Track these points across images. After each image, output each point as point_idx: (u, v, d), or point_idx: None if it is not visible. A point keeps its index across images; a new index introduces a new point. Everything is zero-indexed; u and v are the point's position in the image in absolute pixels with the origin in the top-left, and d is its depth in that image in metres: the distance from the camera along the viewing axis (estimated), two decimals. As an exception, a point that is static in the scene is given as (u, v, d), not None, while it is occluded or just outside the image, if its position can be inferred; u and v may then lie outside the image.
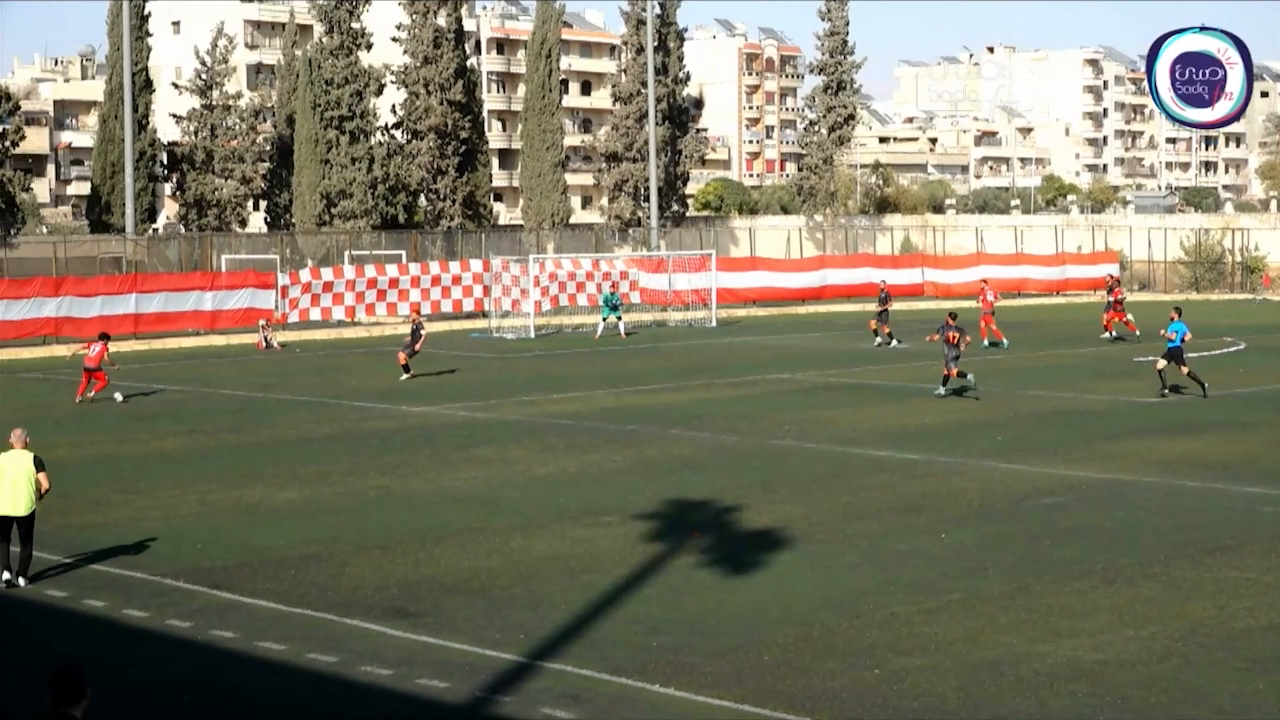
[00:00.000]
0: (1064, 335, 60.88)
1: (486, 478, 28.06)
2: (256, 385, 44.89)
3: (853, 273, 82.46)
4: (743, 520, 23.70)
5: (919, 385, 42.95)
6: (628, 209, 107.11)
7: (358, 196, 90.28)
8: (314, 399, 41.18)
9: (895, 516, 23.95)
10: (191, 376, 46.86)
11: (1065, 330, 63.72)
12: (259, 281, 64.25)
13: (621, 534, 22.62)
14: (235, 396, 42.13)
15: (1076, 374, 45.99)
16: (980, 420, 35.61)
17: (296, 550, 21.71)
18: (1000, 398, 40.01)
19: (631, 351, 55.34)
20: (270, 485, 27.33)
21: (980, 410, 37.44)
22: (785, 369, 47.75)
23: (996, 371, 46.82)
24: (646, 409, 38.10)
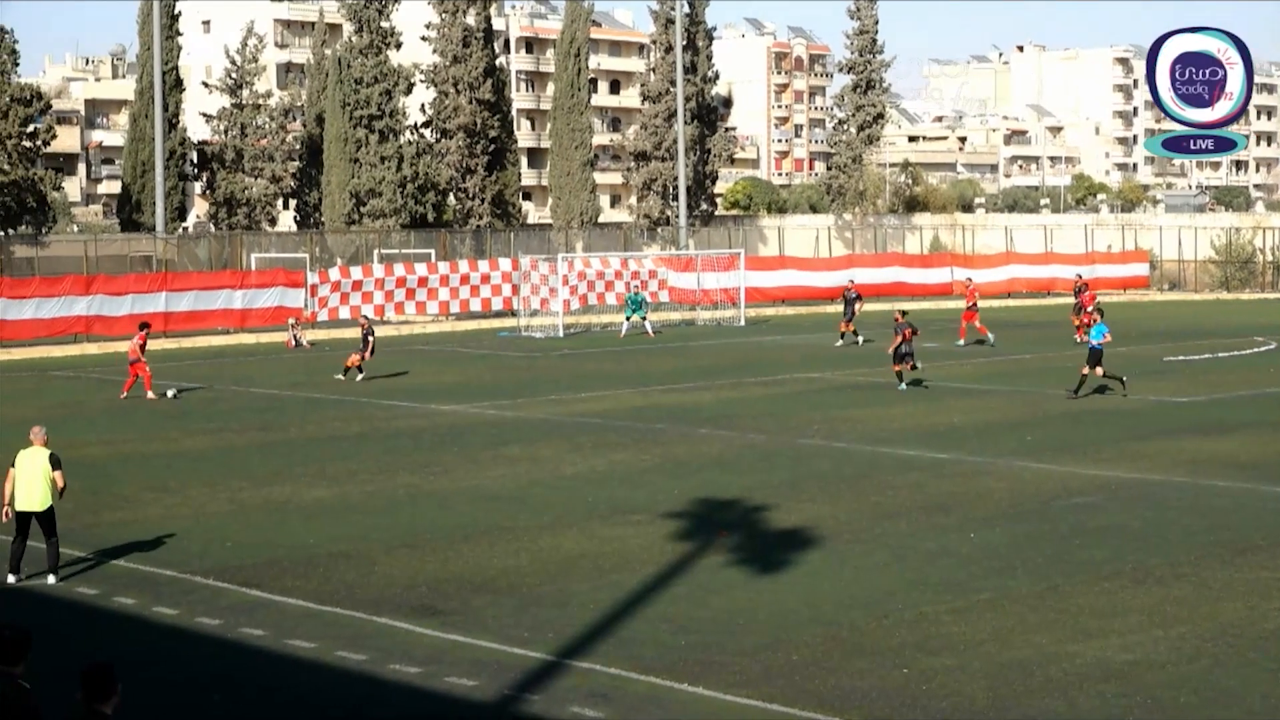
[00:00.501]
0: (1094, 335, 60.66)
1: (515, 476, 28.08)
2: (286, 384, 44.99)
3: (882, 272, 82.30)
4: (771, 519, 23.68)
5: (948, 385, 42.86)
6: (656, 208, 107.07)
7: (387, 195, 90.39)
8: (343, 397, 41.26)
9: (924, 516, 23.91)
10: (221, 375, 46.98)
11: (1095, 330, 63.48)
12: (288, 280, 64.41)
13: (650, 533, 22.62)
14: (265, 395, 42.23)
15: (1106, 373, 45.82)
16: (1009, 420, 35.52)
17: (325, 548, 21.75)
18: (1029, 397, 39.92)
19: (660, 350, 55.32)
20: (299, 483, 27.39)
21: (1009, 410, 37.36)
22: (814, 368, 47.69)
23: (1026, 371, 46.73)
24: (675, 408, 38.09)
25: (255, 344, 60.49)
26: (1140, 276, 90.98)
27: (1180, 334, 60.14)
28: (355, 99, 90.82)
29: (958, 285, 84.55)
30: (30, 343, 57.31)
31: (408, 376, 46.75)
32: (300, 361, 52.92)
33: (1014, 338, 59.27)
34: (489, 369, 49.47)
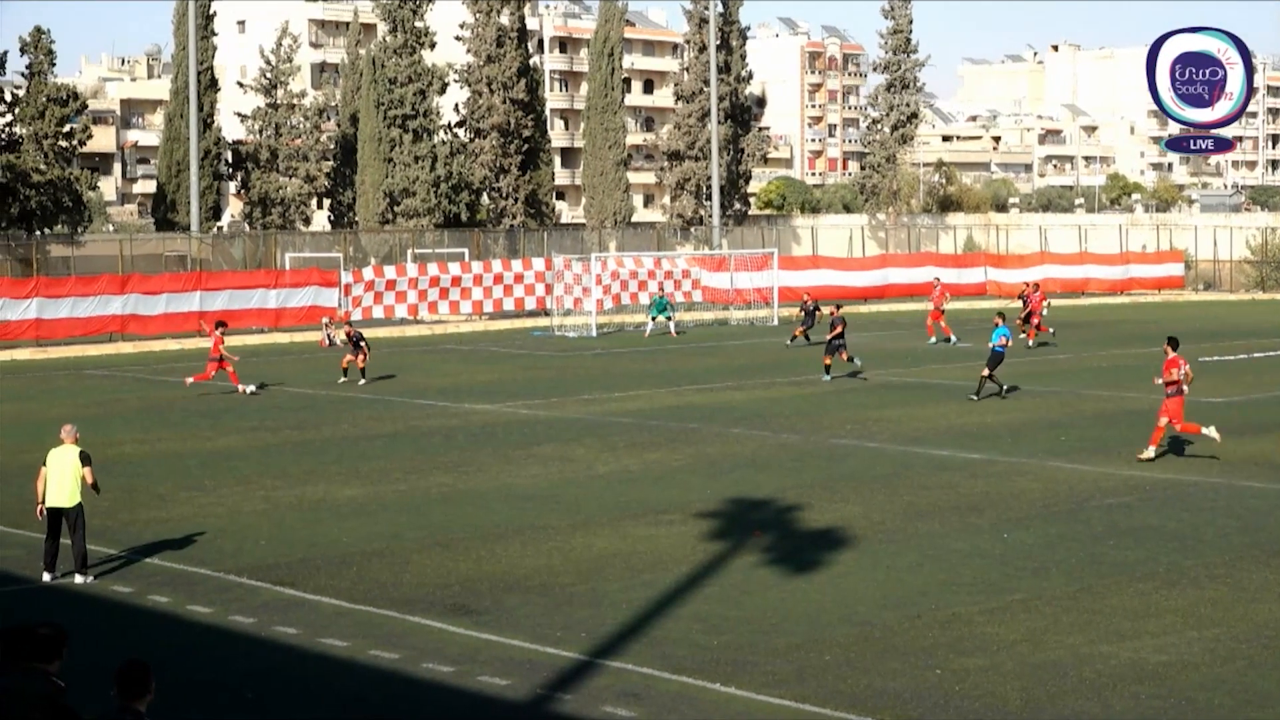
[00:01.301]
0: (1128, 335, 60.45)
1: (548, 475, 28.11)
2: (320, 383, 45.10)
3: (915, 272, 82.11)
4: (804, 519, 23.66)
5: (982, 385, 42.77)
6: (690, 207, 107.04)
7: (420, 195, 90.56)
8: (376, 396, 41.34)
9: (957, 516, 23.86)
10: (255, 374, 47.08)
11: (1129, 330, 63.26)
12: (323, 279, 64.59)
13: (683, 532, 22.62)
14: (299, 394, 42.34)
15: (1141, 374, 45.58)
16: (1043, 420, 35.42)
17: (359, 547, 21.81)
18: (1063, 398, 39.80)
19: (693, 350, 55.30)
20: (333, 482, 27.46)
21: (1043, 410, 37.25)
22: (848, 367, 47.62)
23: (1059, 372, 46.60)
24: (708, 407, 38.08)
25: (289, 343, 60.65)
26: (1175, 277, 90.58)
27: (1215, 334, 59.87)
28: (389, 99, 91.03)
29: (991, 286, 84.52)
30: (65, 341, 57.59)
31: (441, 376, 46.81)
32: (334, 361, 52.97)
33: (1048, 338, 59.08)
34: (522, 368, 49.51)
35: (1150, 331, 61.53)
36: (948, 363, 49.53)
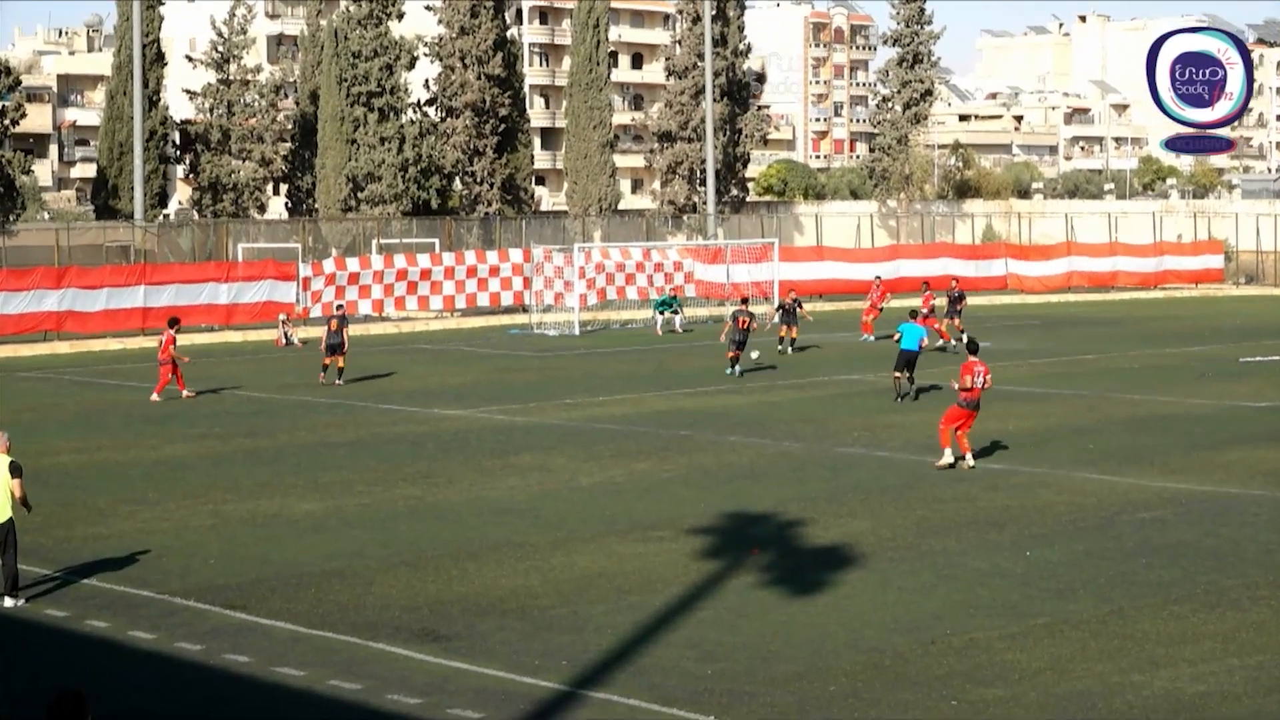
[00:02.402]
0: (1162, 333, 60.54)
1: (526, 488, 28.09)
2: (275, 386, 45.03)
3: (929, 264, 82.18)
4: (807, 535, 23.65)
5: (1001, 388, 42.79)
6: (682, 193, 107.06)
7: (387, 179, 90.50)
8: (337, 401, 41.29)
9: (975, 532, 23.86)
10: (205, 376, 47.00)
11: (1163, 328, 63.36)
12: (279, 272, 64.51)
13: (674, 550, 22.59)
14: (252, 398, 42.28)
15: (1176, 375, 45.72)
16: (1070, 426, 35.44)
17: (317, 566, 21.76)
18: (1092, 401, 39.83)
19: (685, 350, 55.30)
20: (289, 495, 27.42)
21: (1069, 415, 37.27)
22: (854, 369, 47.66)
23: (1087, 373, 46.63)
24: (702, 413, 38.07)
25: (242, 342, 60.59)
26: (1214, 269, 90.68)
27: (1258, 332, 59.95)
28: (353, 74, 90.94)
29: (1012, 279, 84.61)
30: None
31: (409, 378, 46.78)
32: (291, 361, 52.98)
33: (1075, 337, 59.19)
34: (497, 370, 49.49)
35: (1187, 329, 61.65)
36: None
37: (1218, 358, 50.85)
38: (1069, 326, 64.33)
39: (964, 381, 30.05)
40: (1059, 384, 43.65)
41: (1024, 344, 56.16)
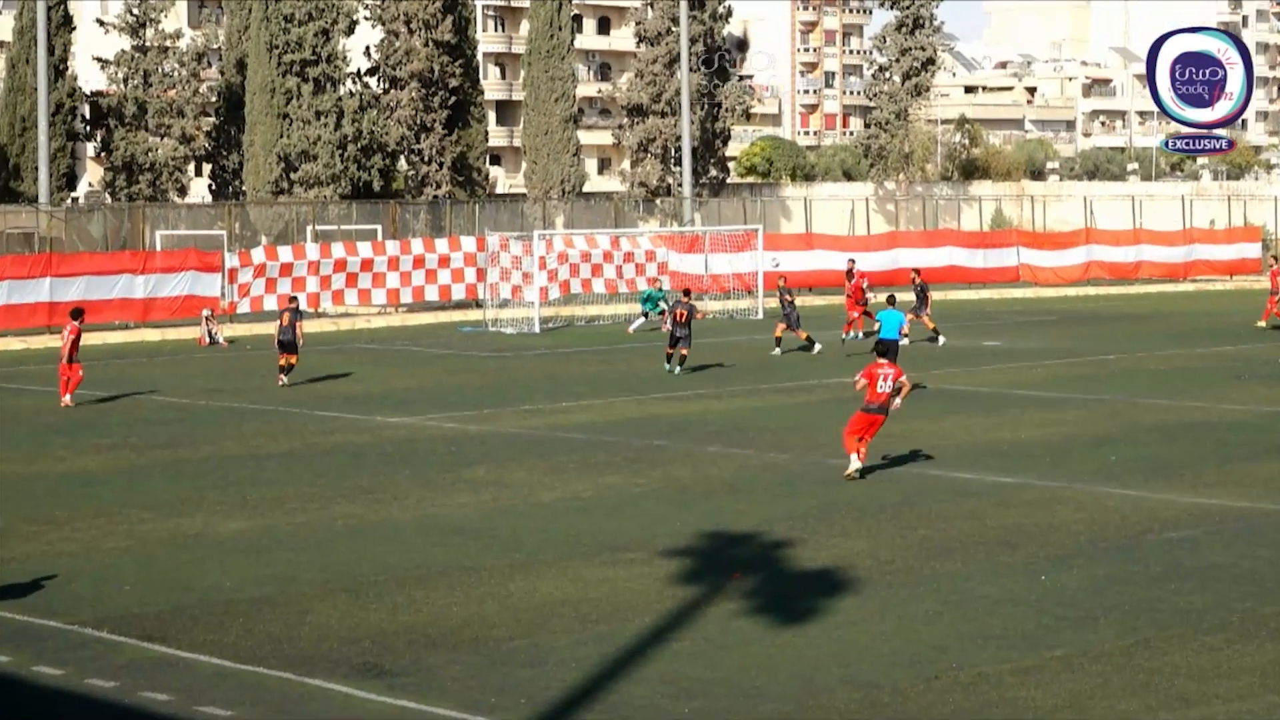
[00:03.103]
0: (1193, 330, 60.74)
1: (480, 504, 28.08)
2: (199, 390, 44.95)
3: (932, 253, 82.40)
4: (795, 557, 23.66)
5: (1013, 392, 42.89)
6: (655, 174, 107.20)
7: (323, 159, 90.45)
8: (268, 407, 41.23)
9: (984, 553, 23.89)
10: (119, 379, 46.91)
11: (1195, 324, 63.57)
12: (202, 263, 64.38)
13: (646, 574, 22.59)
14: (172, 404, 42.20)
15: (1209, 378, 45.86)
16: (1090, 435, 35.52)
17: (246, 593, 21.71)
18: (1114, 407, 39.93)
19: (659, 349, 55.28)
20: (214, 513, 27.35)
21: (1089, 423, 37.36)
22: (849, 371, 47.50)
23: (1109, 375, 46.76)
24: (678, 420, 38.08)
25: (161, 341, 60.47)
26: (1250, 259, 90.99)
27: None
28: (285, 40, 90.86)
29: (1025, 270, 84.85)
30: (-117, 340, 57.34)
31: (349, 381, 46.73)
32: (216, 363, 52.88)
33: (1094, 335, 59.33)
34: (448, 372, 49.46)
35: (1220, 326, 61.85)
36: (975, 365, 49.62)
37: (1255, 358, 51.03)
38: (1088, 323, 64.46)
39: (857, 384, 30.34)
40: (1077, 388, 43.75)
41: (1038, 342, 56.27)
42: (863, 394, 30.48)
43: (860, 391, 30.56)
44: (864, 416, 30.26)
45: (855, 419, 30.41)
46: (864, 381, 30.32)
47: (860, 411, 30.36)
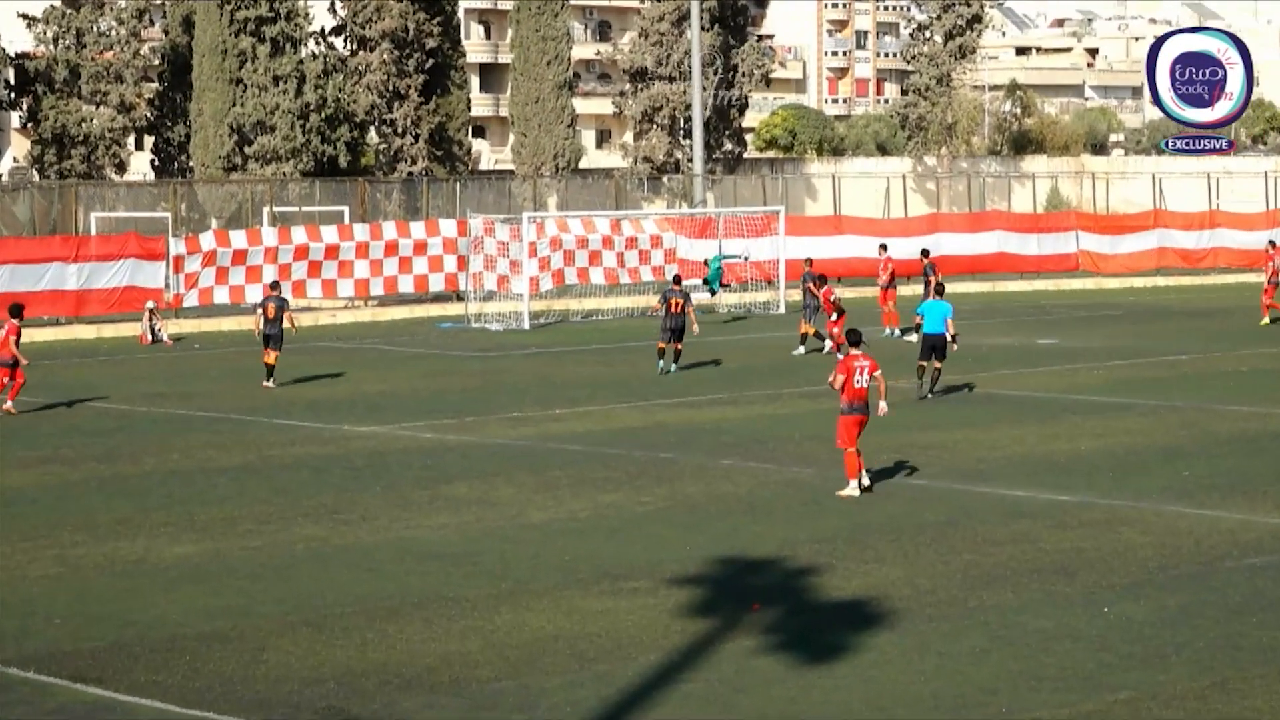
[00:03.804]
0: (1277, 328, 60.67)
1: (462, 525, 28.08)
2: (140, 395, 44.92)
3: (978, 239, 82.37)
4: (822, 586, 23.65)
5: (1069, 397, 42.85)
6: (661, 148, 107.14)
7: (282, 130, 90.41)
8: (220, 414, 41.22)
9: (1038, 582, 23.87)
10: (49, 383, 46.88)
11: (1279, 320, 63.50)
12: (143, 250, 64.28)
13: (651, 605, 22.58)
14: (110, 411, 42.17)
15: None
16: (1158, 447, 35.49)
17: (194, 627, 21.69)
18: (1187, 415, 39.89)
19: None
20: (158, 536, 27.34)
21: (1158, 433, 37.32)
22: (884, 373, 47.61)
23: (1181, 379, 46.74)
24: (689, 429, 38.06)
25: (97, 339, 60.43)
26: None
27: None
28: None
29: (1084, 258, 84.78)
30: None
31: (312, 385, 46.71)
32: (161, 364, 52.84)
33: (1165, 332, 59.29)
34: (425, 374, 49.47)
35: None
36: (1027, 366, 49.56)
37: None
38: (1157, 318, 64.40)
39: (834, 381, 30.16)
40: (1144, 392, 43.73)
41: (1099, 341, 56.24)
42: (839, 394, 30.32)
43: (838, 391, 30.36)
44: (851, 421, 30.07)
45: (846, 427, 30.16)
46: (841, 378, 30.12)
47: (843, 416, 30.17)
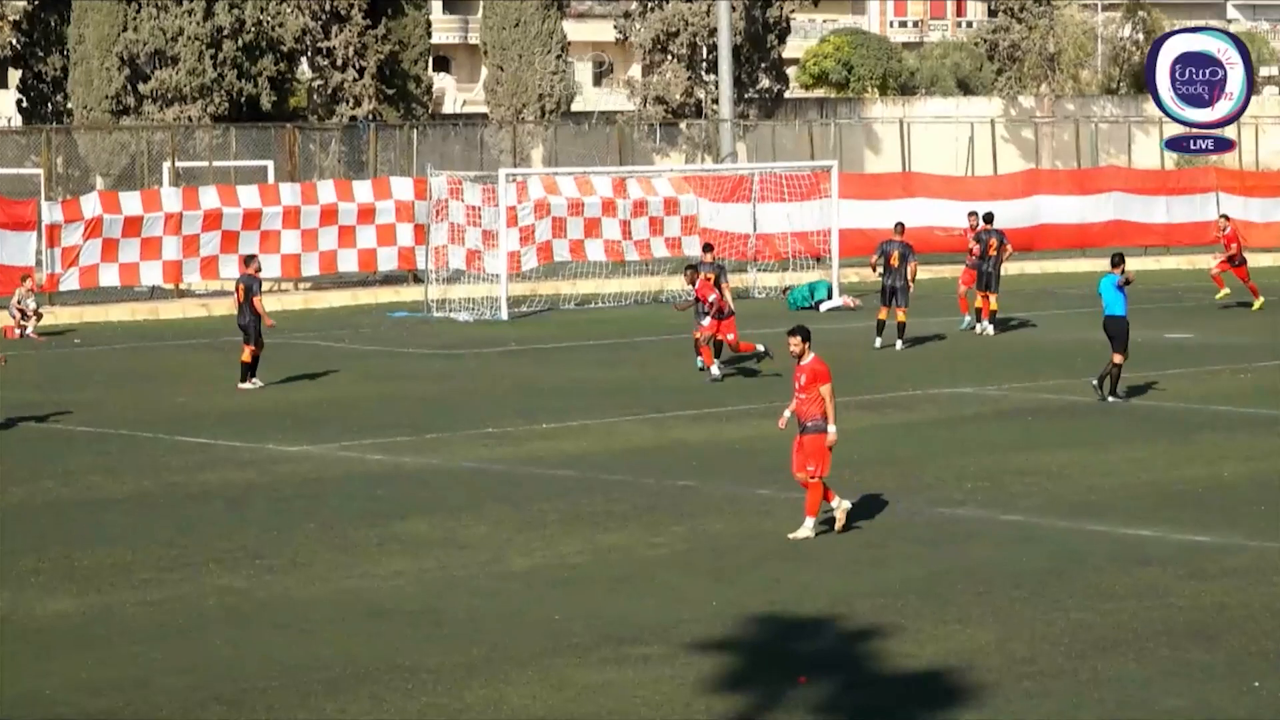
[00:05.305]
0: None
1: (421, 574, 28.09)
2: (6, 403, 44.97)
3: (1089, 202, 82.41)
4: (888, 653, 23.66)
5: (1214, 407, 42.87)
6: (678, 86, 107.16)
7: (187, 62, 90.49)
8: (108, 430, 41.27)
9: (1166, 648, 23.87)
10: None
11: None
12: (8, 217, 64.32)
13: (667, 678, 22.59)
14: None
15: None
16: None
17: (76, 704, 21.73)
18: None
19: (685, 344, 55.28)
20: (27, 586, 27.38)
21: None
22: (965, 377, 47.73)
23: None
24: (712, 449, 38.08)
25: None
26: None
27: None
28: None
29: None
30: None
31: (226, 391, 46.76)
32: (31, 364, 52.89)
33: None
34: (373, 378, 49.53)
35: None
36: (1153, 368, 49.51)
37: None
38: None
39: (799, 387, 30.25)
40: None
41: (1245, 335, 56.36)
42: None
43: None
44: (799, 442, 30.03)
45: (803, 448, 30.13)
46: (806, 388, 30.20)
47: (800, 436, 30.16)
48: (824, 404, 29.92)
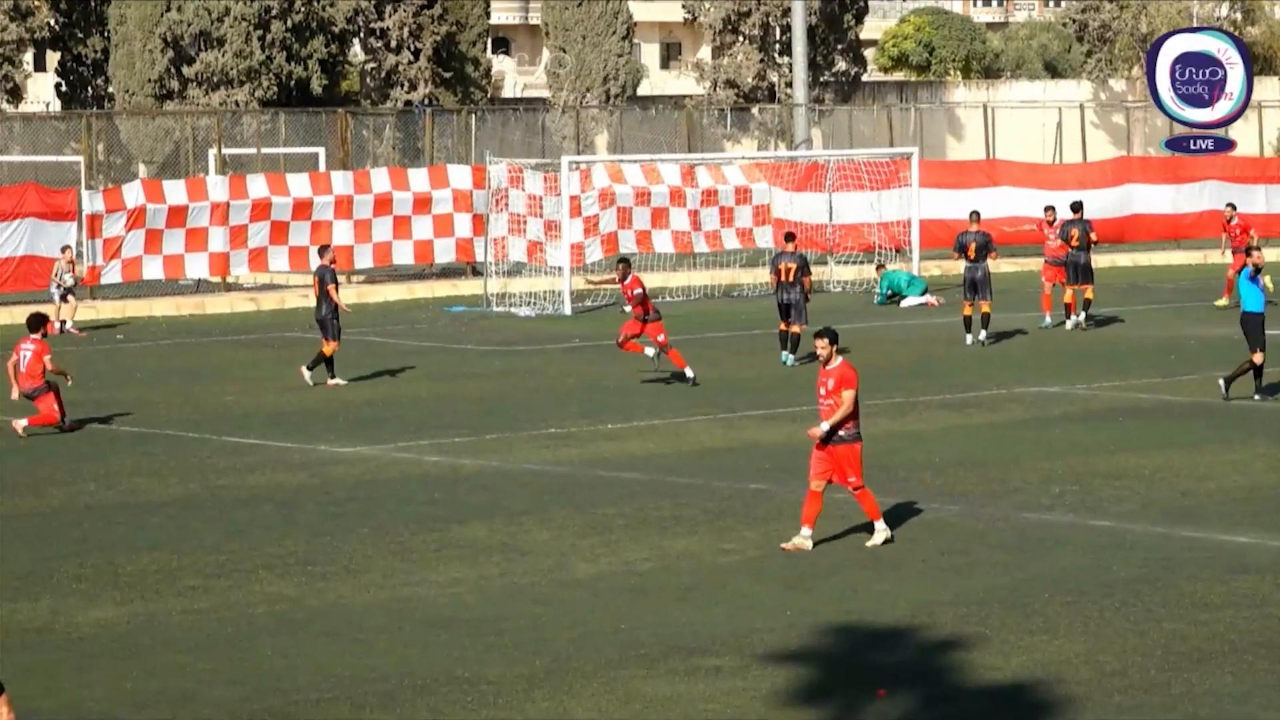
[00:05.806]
0: None
1: (481, 581, 28.12)
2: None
3: (1183, 191, 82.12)
4: (972, 665, 23.65)
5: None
6: (750, 69, 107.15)
7: (234, 44, 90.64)
8: (152, 430, 41.36)
9: (1266, 661, 23.82)
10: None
11: None
12: (46, 206, 64.41)
13: (739, 690, 22.60)
14: (2, 428, 42.31)
15: None
16: None
17: (120, 715, 21.78)
18: None
19: (759, 340, 55.24)
20: (69, 594, 27.45)
21: None
22: (1053, 375, 47.63)
23: None
24: (785, 451, 38.02)
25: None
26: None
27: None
28: None
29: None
30: None
31: (277, 389, 46.81)
32: (71, 360, 53.00)
33: None
34: (430, 376, 49.58)
35: None
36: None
37: None
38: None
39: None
40: None
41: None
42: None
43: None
44: (826, 452, 29.87)
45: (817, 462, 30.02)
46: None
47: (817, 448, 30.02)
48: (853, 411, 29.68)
